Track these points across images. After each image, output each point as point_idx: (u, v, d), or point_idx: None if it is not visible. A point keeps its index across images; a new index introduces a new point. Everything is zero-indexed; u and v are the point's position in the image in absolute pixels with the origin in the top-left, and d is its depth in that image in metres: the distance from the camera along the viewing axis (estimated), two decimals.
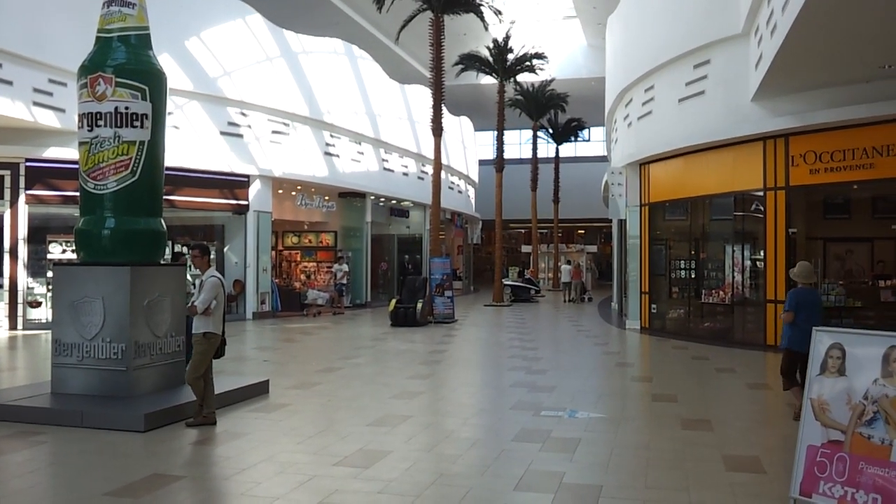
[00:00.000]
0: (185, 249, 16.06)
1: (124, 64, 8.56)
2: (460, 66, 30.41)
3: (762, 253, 14.77)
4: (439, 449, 6.99)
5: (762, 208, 14.65)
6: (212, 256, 20.34)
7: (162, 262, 9.35)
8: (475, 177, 41.02)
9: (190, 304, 7.86)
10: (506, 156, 32.34)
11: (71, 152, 10.29)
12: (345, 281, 23.42)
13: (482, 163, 42.44)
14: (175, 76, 18.15)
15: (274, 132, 21.64)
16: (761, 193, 14.62)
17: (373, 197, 26.43)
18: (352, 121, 25.29)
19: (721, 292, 16.15)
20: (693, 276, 17.71)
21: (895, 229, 13.36)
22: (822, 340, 4.93)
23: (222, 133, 20.10)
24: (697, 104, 15.87)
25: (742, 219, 15.96)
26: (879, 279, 14.28)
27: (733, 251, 16.19)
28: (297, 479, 5.88)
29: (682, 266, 18.17)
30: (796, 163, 14.01)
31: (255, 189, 20.97)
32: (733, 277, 15.91)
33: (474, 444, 7.18)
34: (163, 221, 9.09)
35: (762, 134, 14.31)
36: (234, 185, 20.49)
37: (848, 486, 4.54)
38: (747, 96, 14.27)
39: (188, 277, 10.19)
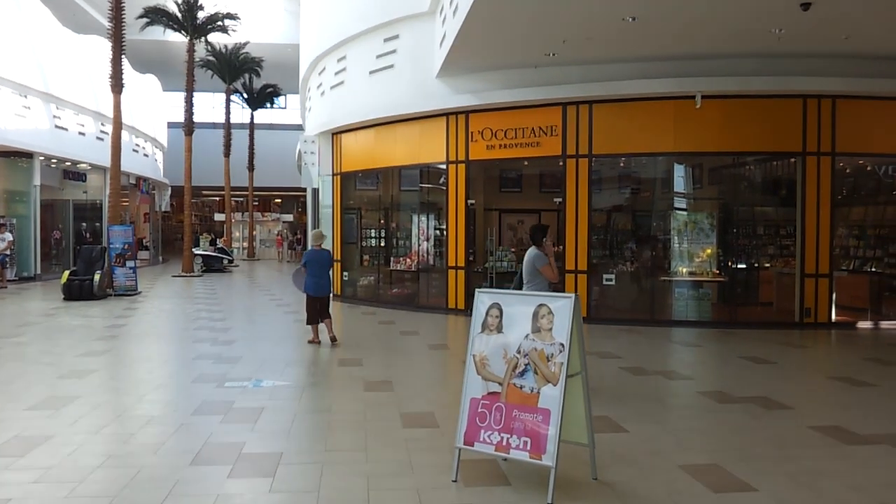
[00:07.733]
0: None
1: None
2: (145, 20, 28.27)
3: (445, 223, 15.70)
4: (109, 429, 6.48)
5: (446, 180, 15.54)
6: None
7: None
8: (164, 140, 38.56)
9: None
10: (197, 119, 30.72)
11: None
12: (8, 251, 20.81)
13: (171, 125, 39.90)
14: None
15: None
16: (444, 166, 15.49)
17: (42, 158, 23.62)
18: (14, 71, 22.32)
19: (408, 260, 16.93)
20: (383, 244, 18.39)
21: (556, 202, 14.85)
22: (483, 301, 5.32)
23: None
24: (387, 77, 16.32)
25: (428, 190, 16.82)
26: None
27: (419, 221, 17.02)
28: None
29: (373, 235, 18.80)
30: (475, 138, 15.02)
31: None
32: (419, 246, 16.76)
33: (149, 421, 6.75)
34: None
35: (445, 110, 15.12)
36: None
37: (503, 433, 4.98)
38: (433, 73, 14.97)
39: None
